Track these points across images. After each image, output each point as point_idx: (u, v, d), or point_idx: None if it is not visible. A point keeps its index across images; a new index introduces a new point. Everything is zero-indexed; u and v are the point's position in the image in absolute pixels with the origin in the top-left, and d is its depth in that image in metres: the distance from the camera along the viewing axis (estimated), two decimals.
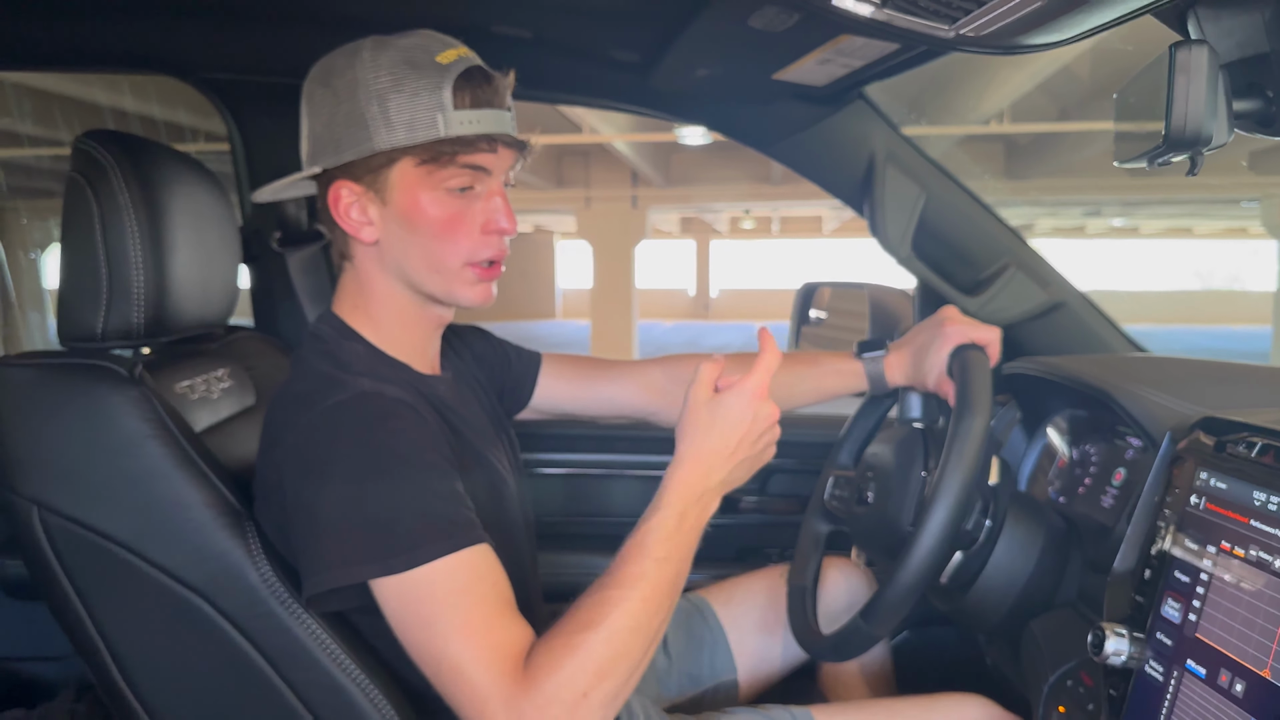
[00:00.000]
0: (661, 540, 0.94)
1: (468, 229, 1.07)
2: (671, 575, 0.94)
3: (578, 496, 1.87)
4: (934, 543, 1.14)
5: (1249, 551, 0.86)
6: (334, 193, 1.07)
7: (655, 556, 0.92)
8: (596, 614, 0.89)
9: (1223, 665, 0.85)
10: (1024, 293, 1.67)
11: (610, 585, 0.91)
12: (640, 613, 0.90)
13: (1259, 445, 0.89)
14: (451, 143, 1.03)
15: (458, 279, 1.09)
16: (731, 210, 20.70)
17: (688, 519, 0.96)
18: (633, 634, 0.90)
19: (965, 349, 1.29)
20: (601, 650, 0.87)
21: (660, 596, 0.92)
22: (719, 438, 0.99)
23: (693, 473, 0.98)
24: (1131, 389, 1.25)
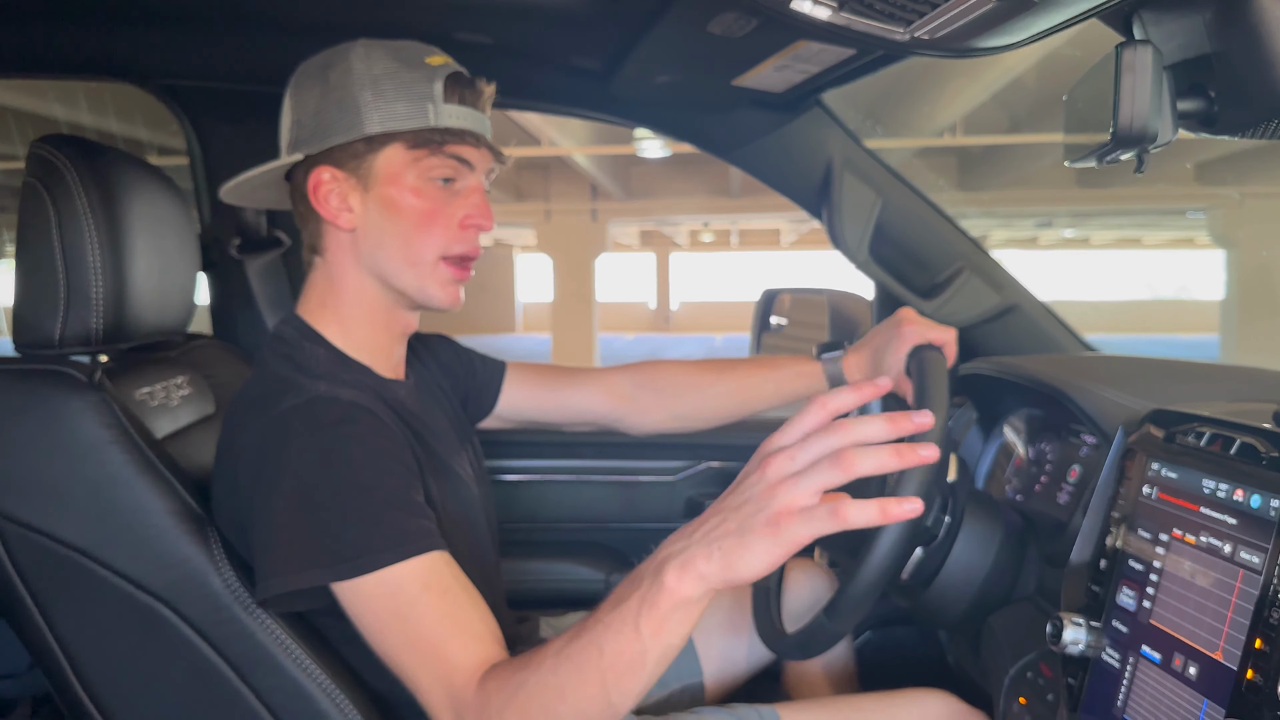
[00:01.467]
0: (610, 605, 0.80)
1: (446, 221, 1.08)
2: (606, 646, 0.79)
3: (542, 503, 1.88)
4: (895, 538, 1.16)
5: (1199, 538, 0.88)
6: (315, 178, 1.08)
7: (597, 618, 0.81)
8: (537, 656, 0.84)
9: (1176, 649, 0.87)
10: (978, 296, 1.70)
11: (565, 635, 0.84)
12: (566, 673, 0.81)
13: (1207, 435, 0.91)
14: (440, 132, 1.06)
15: (432, 275, 1.09)
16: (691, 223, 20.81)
17: (639, 588, 0.78)
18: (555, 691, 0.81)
19: (922, 349, 1.31)
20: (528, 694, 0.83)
21: (588, 664, 0.80)
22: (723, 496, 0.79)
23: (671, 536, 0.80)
24: (1084, 386, 1.28)
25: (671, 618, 0.76)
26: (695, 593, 0.75)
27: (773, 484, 0.73)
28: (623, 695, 0.80)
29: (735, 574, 0.73)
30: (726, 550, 0.73)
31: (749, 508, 0.73)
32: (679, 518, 1.88)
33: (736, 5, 1.03)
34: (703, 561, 0.74)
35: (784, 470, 0.73)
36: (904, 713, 1.27)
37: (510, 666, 0.87)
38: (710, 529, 0.75)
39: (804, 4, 0.88)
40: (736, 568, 0.73)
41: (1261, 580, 0.80)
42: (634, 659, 0.78)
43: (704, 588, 0.75)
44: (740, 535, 0.73)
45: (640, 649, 0.78)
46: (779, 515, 0.71)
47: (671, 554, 0.77)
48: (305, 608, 1.00)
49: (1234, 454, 0.87)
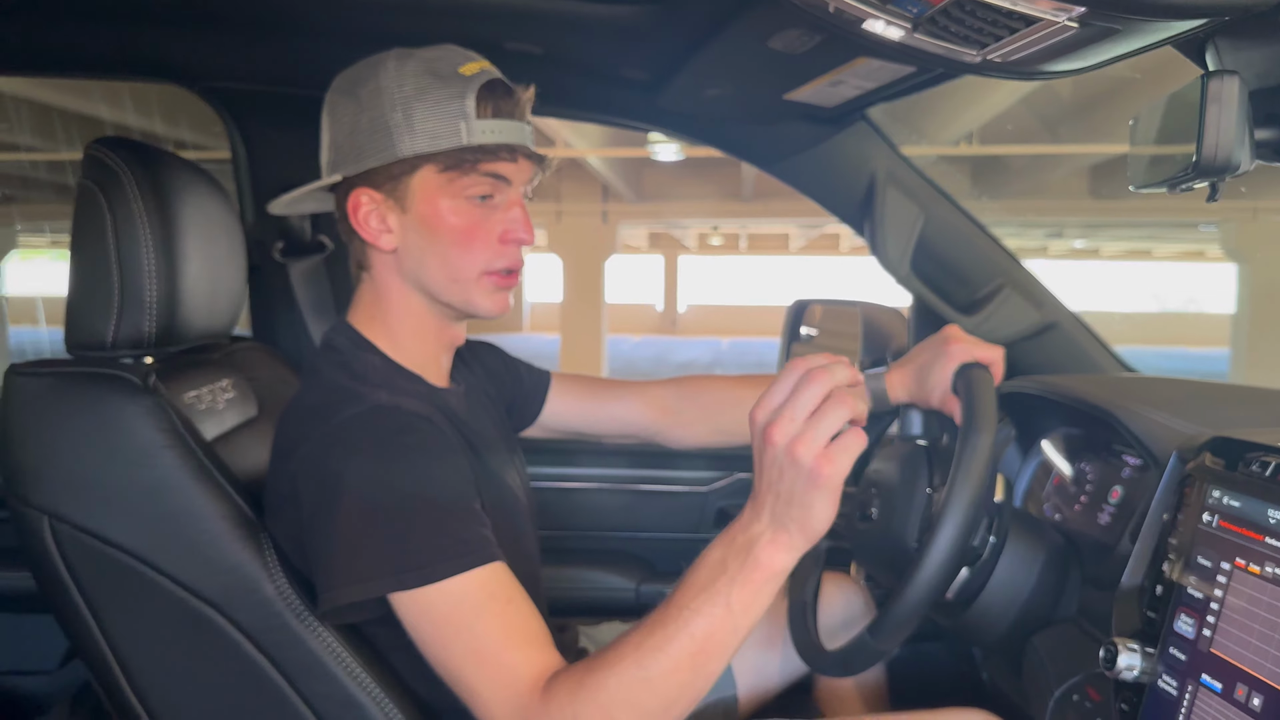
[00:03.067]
0: (692, 589, 0.86)
1: (486, 238, 1.08)
2: (698, 632, 0.84)
3: (575, 511, 1.88)
4: (943, 558, 1.16)
5: (1265, 568, 0.88)
6: (354, 200, 1.07)
7: (681, 606, 0.85)
8: (614, 655, 0.87)
9: (1239, 680, 0.87)
10: (1018, 313, 1.69)
11: (639, 629, 0.88)
12: (655, 665, 0.85)
13: (1273, 465, 0.91)
14: (474, 151, 1.04)
15: (475, 288, 1.09)
16: (700, 226, 20.81)
17: (727, 570, 0.85)
18: (645, 684, 0.85)
19: (970, 367, 1.31)
20: (609, 693, 0.85)
21: (681, 651, 0.84)
22: (758, 479, 0.86)
23: (739, 521, 0.87)
24: (1133, 408, 1.28)
25: (763, 591, 0.85)
26: (787, 563, 0.85)
27: (790, 448, 0.81)
28: (709, 677, 0.86)
29: (814, 531, 0.84)
30: (797, 519, 0.83)
31: (788, 477, 0.82)
32: (710, 528, 1.88)
33: (802, 22, 1.03)
34: (785, 535, 0.84)
35: (790, 432, 0.81)
36: None
37: (580, 670, 0.87)
38: (773, 508, 0.84)
39: (876, 24, 0.88)
40: (813, 526, 0.83)
41: None
42: (726, 637, 0.85)
43: (793, 557, 0.85)
44: (797, 502, 0.82)
45: (732, 626, 0.85)
46: (814, 471, 0.80)
47: (755, 535, 0.85)
48: (361, 618, 1.00)
49: None
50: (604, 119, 1.69)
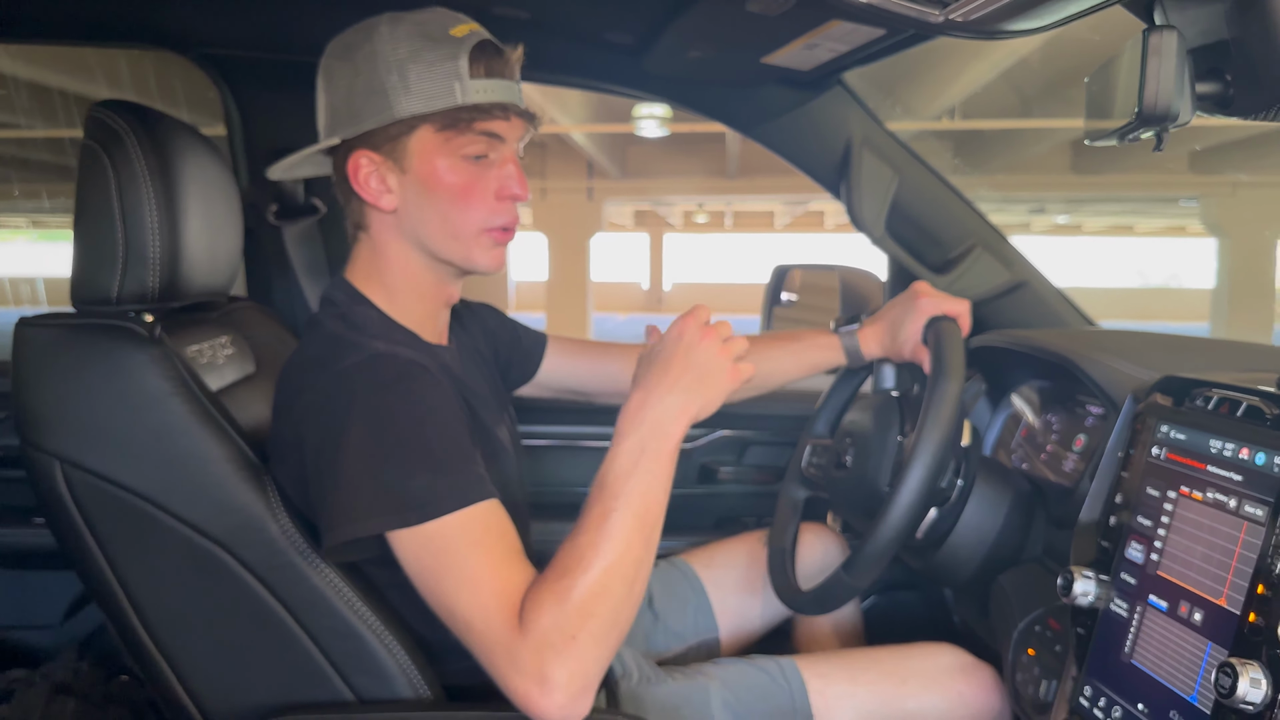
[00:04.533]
0: (620, 476, 0.97)
1: (482, 195, 1.12)
2: (638, 509, 0.96)
3: (560, 467, 1.93)
4: (912, 498, 1.22)
5: (1206, 495, 0.94)
6: (353, 162, 1.11)
7: (615, 493, 0.96)
8: (571, 559, 0.94)
9: (1182, 598, 0.94)
10: (989, 272, 1.76)
11: (580, 530, 0.96)
12: (611, 550, 0.94)
13: (1215, 399, 0.98)
14: (469, 110, 1.08)
15: (475, 244, 1.14)
16: (685, 204, 20.79)
17: (647, 451, 0.98)
18: (608, 572, 0.93)
19: (939, 320, 1.37)
20: (581, 593, 0.92)
21: (629, 531, 0.95)
22: (656, 369, 1.03)
23: (636, 404, 1.01)
24: (1093, 357, 1.34)
25: (673, 456, 1.01)
26: (685, 430, 1.02)
27: (723, 346, 1.03)
28: (655, 544, 0.99)
29: (709, 409, 1.03)
30: (703, 395, 1.02)
31: (714, 362, 1.03)
32: (693, 483, 1.94)
33: None
34: (690, 406, 1.02)
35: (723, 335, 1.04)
36: (916, 663, 1.33)
37: (549, 580, 0.93)
38: (685, 384, 1.02)
39: None
40: (710, 405, 1.03)
41: (1264, 531, 0.86)
42: (657, 506, 0.99)
43: (689, 425, 1.02)
44: (708, 382, 1.02)
45: (660, 493, 0.99)
46: (734, 367, 1.04)
47: (662, 411, 1.00)
48: (362, 556, 1.06)
49: (1240, 416, 0.93)
50: (589, 84, 1.74)
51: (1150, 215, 21.11)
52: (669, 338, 1.05)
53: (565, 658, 0.91)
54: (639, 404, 1.01)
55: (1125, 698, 0.98)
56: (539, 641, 0.91)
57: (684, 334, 1.03)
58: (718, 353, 1.03)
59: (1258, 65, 0.84)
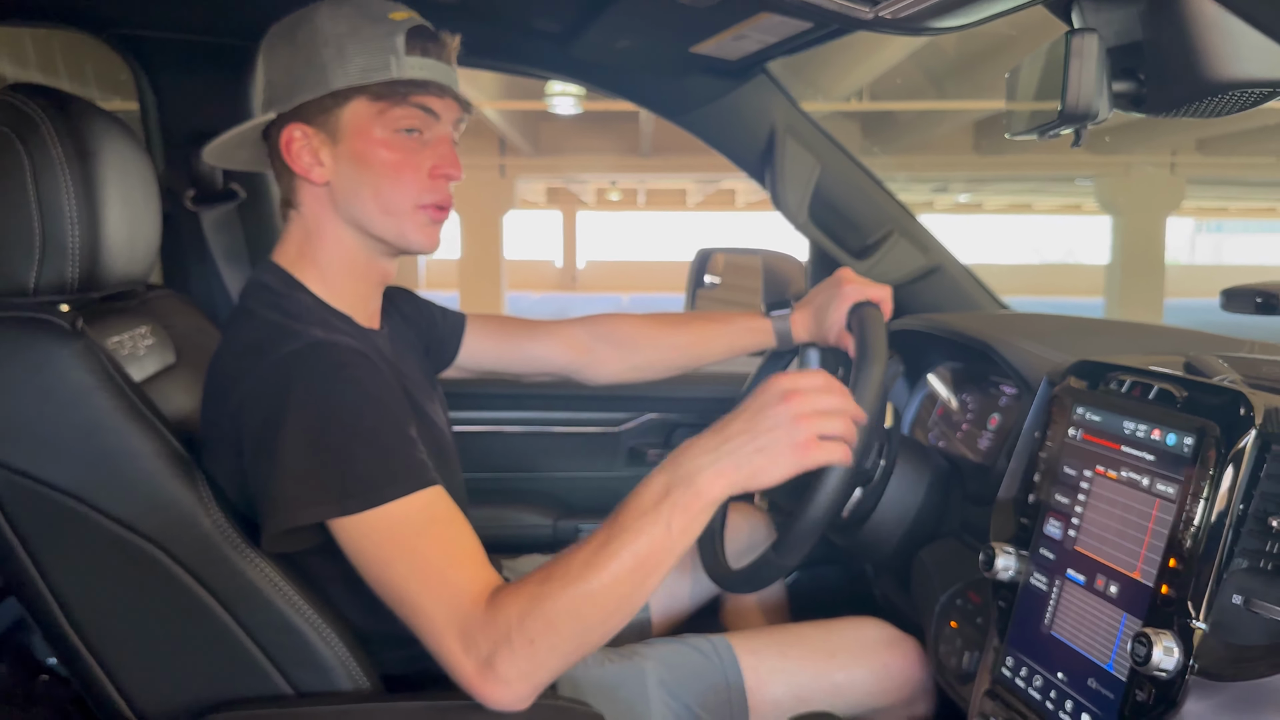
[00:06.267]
0: (636, 512, 0.92)
1: (415, 171, 1.12)
2: (641, 552, 0.91)
3: (491, 453, 1.93)
4: (838, 479, 1.25)
5: (1120, 473, 1.00)
6: (286, 135, 1.11)
7: (624, 526, 0.92)
8: (560, 568, 0.93)
9: (1098, 571, 0.99)
10: (906, 257, 1.81)
11: (585, 546, 0.94)
12: (598, 580, 0.90)
13: (1128, 383, 1.03)
14: (404, 84, 1.09)
15: (409, 221, 1.13)
16: (599, 182, 20.76)
17: (672, 498, 0.92)
18: (588, 598, 0.91)
19: (862, 306, 1.41)
20: (555, 606, 0.91)
21: (624, 568, 0.91)
22: (732, 416, 0.95)
23: (684, 448, 0.95)
24: (1008, 340, 1.40)
25: (699, 517, 0.93)
26: (722, 496, 0.93)
27: (800, 416, 0.92)
28: (646, 592, 0.93)
29: (758, 483, 0.93)
30: (755, 464, 0.92)
31: (779, 432, 0.92)
32: (622, 466, 1.96)
33: None
34: (732, 472, 0.92)
35: (807, 407, 0.92)
36: (843, 637, 1.38)
37: (529, 585, 0.93)
38: (737, 446, 0.92)
39: None
40: (760, 478, 0.92)
41: (1175, 508, 0.91)
42: (663, 556, 0.92)
43: (729, 493, 0.93)
44: (767, 453, 0.92)
45: (669, 546, 0.92)
46: (807, 443, 0.92)
47: (701, 465, 0.92)
48: (302, 546, 1.04)
49: (1152, 399, 0.99)
50: (516, 69, 1.73)
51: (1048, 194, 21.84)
52: (759, 392, 0.95)
53: (518, 657, 0.91)
54: (687, 446, 0.95)
55: (1045, 667, 1.04)
56: (501, 630, 0.91)
57: (768, 391, 0.94)
58: (791, 422, 0.92)
59: (1169, 65, 0.88)
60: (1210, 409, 0.91)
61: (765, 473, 0.92)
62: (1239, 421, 0.88)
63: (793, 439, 0.92)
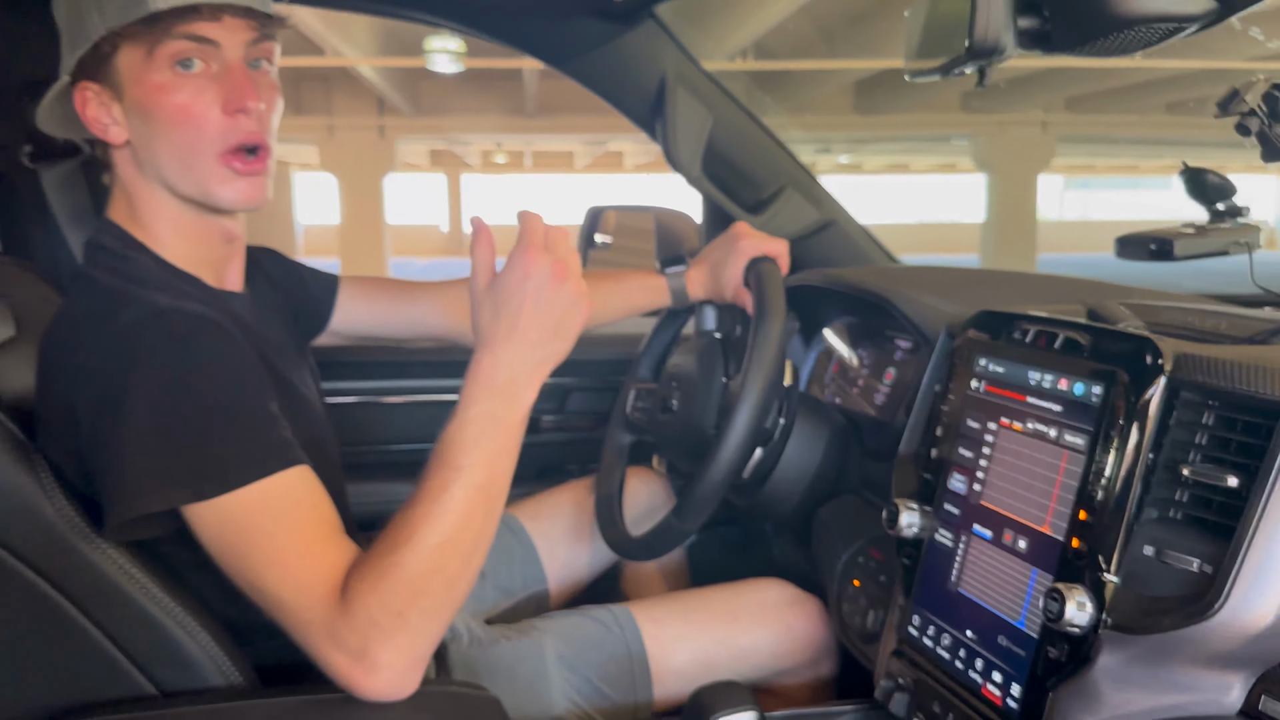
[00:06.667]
0: (463, 448, 0.87)
1: (205, 111, 0.98)
2: (481, 481, 0.87)
3: (374, 425, 1.83)
4: (739, 439, 1.22)
5: (1027, 425, 0.97)
6: (80, 97, 0.99)
7: (457, 465, 0.87)
8: (403, 533, 0.87)
9: (1006, 526, 0.97)
10: (799, 211, 1.78)
11: (416, 501, 0.88)
12: (449, 525, 0.86)
13: (1032, 332, 1.01)
14: (165, 14, 0.95)
15: (212, 174, 1.00)
16: (483, 143, 20.38)
17: (495, 420, 0.88)
18: (443, 548, 0.86)
19: (759, 261, 1.37)
20: (411, 569, 0.85)
21: (470, 505, 0.87)
22: (504, 323, 0.89)
23: (486, 367, 0.89)
24: (906, 293, 1.37)
25: (522, 426, 0.91)
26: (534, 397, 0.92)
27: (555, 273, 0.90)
28: (496, 518, 0.91)
29: (564, 356, 0.93)
30: (557, 345, 0.91)
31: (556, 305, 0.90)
32: None
33: None
34: (545, 366, 0.91)
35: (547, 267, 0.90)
36: (746, 600, 1.34)
37: (375, 556, 0.86)
38: (537, 337, 0.90)
39: None
40: (567, 350, 0.93)
41: (1084, 460, 0.89)
42: (503, 478, 0.90)
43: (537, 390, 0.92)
44: (562, 332, 0.91)
45: (507, 466, 0.90)
46: (577, 291, 0.91)
47: (516, 376, 0.90)
48: (151, 534, 0.94)
49: (1057, 348, 0.97)
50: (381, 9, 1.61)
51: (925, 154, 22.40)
52: (512, 277, 0.90)
53: (392, 636, 0.85)
54: (490, 367, 0.89)
55: (954, 625, 1.02)
56: (364, 619, 0.84)
57: (531, 273, 0.89)
58: (573, 291, 0.91)
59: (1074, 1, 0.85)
60: (1118, 356, 0.89)
61: (566, 349, 0.92)
62: (1147, 369, 0.86)
63: (579, 306, 0.91)
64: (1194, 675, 0.81)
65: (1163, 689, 0.83)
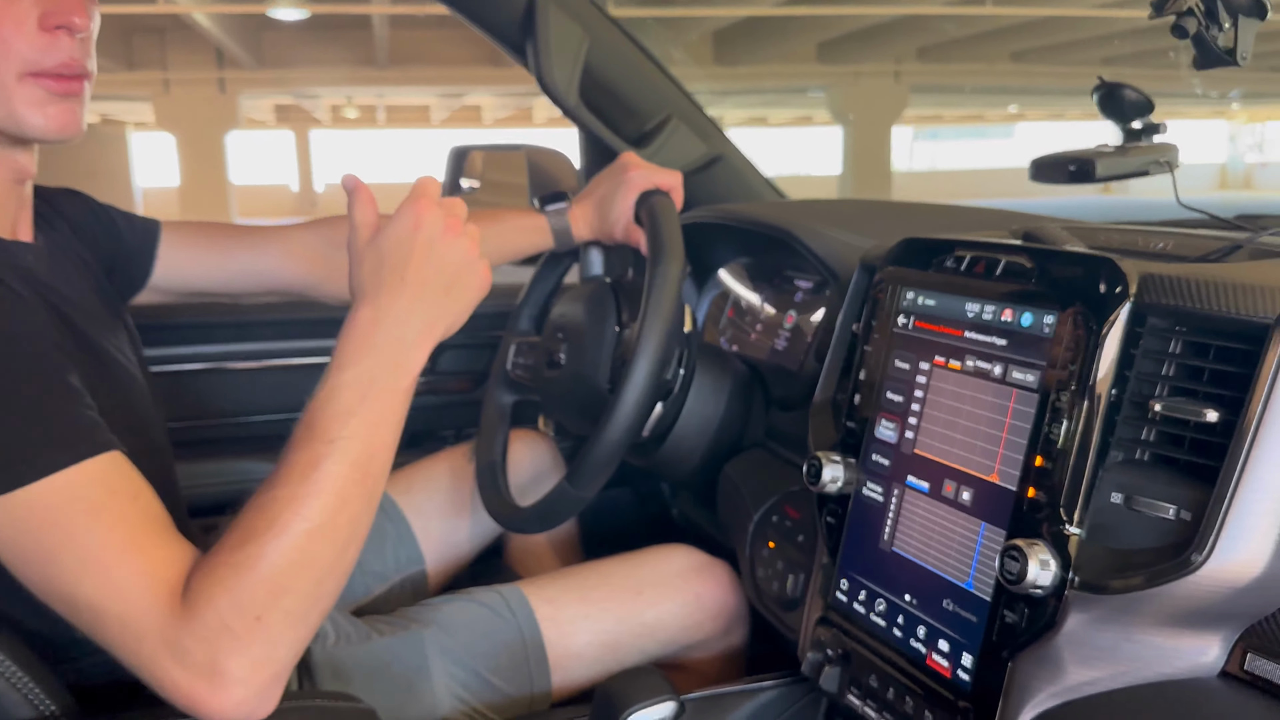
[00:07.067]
0: (337, 417, 0.75)
1: (16, 25, 0.82)
2: (359, 456, 0.75)
3: (215, 395, 1.62)
4: (639, 393, 1.10)
5: (965, 362, 0.87)
6: None
7: (330, 438, 0.74)
8: (262, 520, 0.72)
9: (947, 477, 0.86)
10: (687, 145, 1.65)
11: (278, 484, 0.73)
12: (319, 507, 0.73)
13: (968, 259, 0.90)
14: None
15: (17, 95, 0.83)
16: (333, 98, 19.54)
17: (376, 384, 0.77)
18: (312, 536, 0.72)
19: (651, 195, 1.23)
20: (273, 562, 0.71)
21: (346, 483, 0.74)
22: (389, 274, 0.79)
23: (365, 322, 0.78)
24: (812, 227, 1.26)
25: (409, 394, 0.80)
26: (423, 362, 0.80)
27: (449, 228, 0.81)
28: (377, 498, 0.78)
29: (460, 323, 0.83)
30: (452, 307, 0.81)
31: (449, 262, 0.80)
32: None
33: None
34: (437, 330, 0.81)
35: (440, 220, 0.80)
36: (649, 571, 1.22)
37: (227, 549, 0.71)
38: (428, 295, 0.79)
39: None
40: (464, 315, 0.83)
41: (1037, 399, 0.79)
42: (385, 452, 0.78)
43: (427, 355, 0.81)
44: (452, 288, 0.81)
45: (389, 438, 0.78)
46: (470, 250, 0.82)
47: (404, 337, 0.79)
48: None
49: (999, 275, 0.86)
50: None
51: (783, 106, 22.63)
52: (400, 228, 0.80)
53: (247, 645, 0.69)
54: (369, 322, 0.79)
55: (889, 589, 0.91)
56: (212, 626, 0.69)
57: (422, 224, 0.80)
58: (468, 249, 0.82)
59: None
60: (1073, 282, 0.79)
61: (463, 314, 0.83)
62: (1108, 293, 0.76)
63: (475, 265, 0.83)
64: (1169, 635, 0.73)
65: (1134, 652, 0.74)
